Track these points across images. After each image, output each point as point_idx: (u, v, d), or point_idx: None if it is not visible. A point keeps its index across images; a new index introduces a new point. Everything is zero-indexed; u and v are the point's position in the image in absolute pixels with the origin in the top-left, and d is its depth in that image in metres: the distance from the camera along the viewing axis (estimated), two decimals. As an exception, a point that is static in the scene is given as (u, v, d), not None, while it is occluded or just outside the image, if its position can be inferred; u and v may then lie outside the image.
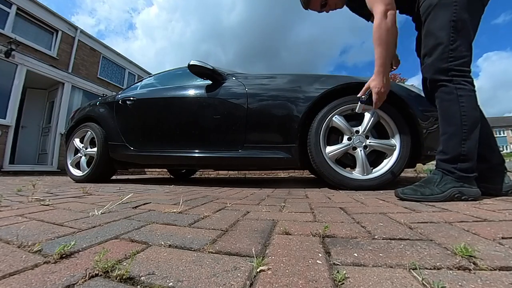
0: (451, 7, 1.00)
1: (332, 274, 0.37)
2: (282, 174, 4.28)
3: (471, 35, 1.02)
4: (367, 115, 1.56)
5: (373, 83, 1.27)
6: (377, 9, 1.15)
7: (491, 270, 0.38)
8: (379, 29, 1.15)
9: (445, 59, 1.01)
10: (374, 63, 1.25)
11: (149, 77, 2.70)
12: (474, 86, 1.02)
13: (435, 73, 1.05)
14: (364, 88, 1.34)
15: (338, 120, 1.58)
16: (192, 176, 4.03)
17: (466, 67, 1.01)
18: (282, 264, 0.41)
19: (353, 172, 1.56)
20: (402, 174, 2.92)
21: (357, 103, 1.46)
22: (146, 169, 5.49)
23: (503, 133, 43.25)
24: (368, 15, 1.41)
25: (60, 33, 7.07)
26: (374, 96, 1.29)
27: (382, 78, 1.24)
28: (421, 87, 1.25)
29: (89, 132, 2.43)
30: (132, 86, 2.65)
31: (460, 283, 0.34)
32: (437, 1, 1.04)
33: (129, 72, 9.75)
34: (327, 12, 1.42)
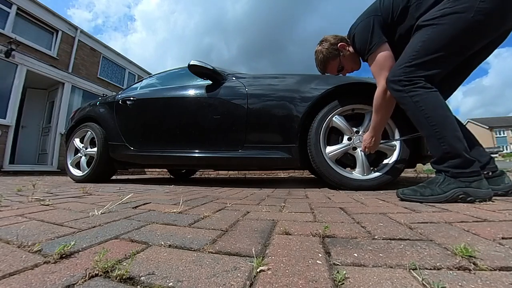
0: (429, 28, 1.03)
1: (332, 274, 0.37)
2: (282, 174, 4.28)
3: (442, 57, 1.01)
4: (367, 115, 1.56)
5: (365, 136, 1.43)
6: (379, 82, 1.22)
7: (491, 270, 0.38)
8: (378, 100, 1.25)
9: (398, 74, 1.08)
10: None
11: (149, 77, 2.70)
12: (428, 87, 1.03)
13: (389, 85, 1.13)
14: None
15: (338, 120, 1.58)
16: (192, 176, 4.03)
17: (418, 77, 1.03)
18: (282, 264, 0.41)
19: (353, 172, 1.56)
20: (402, 174, 2.91)
21: (358, 104, 1.47)
22: (146, 169, 5.48)
23: (503, 133, 43.08)
24: None
25: (60, 33, 7.07)
26: (362, 147, 1.46)
27: (371, 138, 1.39)
28: None
29: (89, 132, 2.43)
30: (132, 86, 2.65)
31: (460, 283, 0.34)
32: (420, 23, 1.07)
33: (129, 72, 9.75)
34: (344, 75, 1.54)
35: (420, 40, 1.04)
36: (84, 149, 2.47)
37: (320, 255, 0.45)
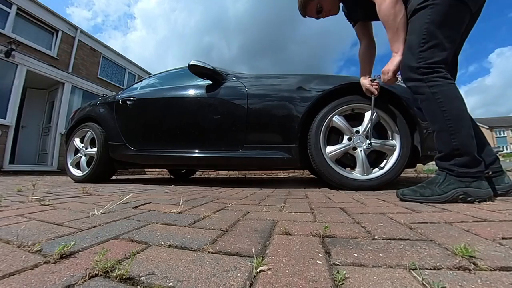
0: (428, 10, 1.02)
1: (332, 274, 0.37)
2: (282, 174, 4.28)
3: (448, 36, 1.01)
4: (367, 115, 1.56)
5: (393, 61, 1.20)
6: None
7: (491, 270, 0.38)
8: (382, 12, 1.13)
9: (414, 60, 1.04)
10: (386, 57, 1.31)
11: (149, 77, 2.70)
12: (449, 78, 1.01)
13: (406, 73, 1.08)
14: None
15: (338, 120, 1.58)
16: (192, 176, 4.03)
17: (437, 64, 1.01)
18: (282, 264, 0.41)
19: (353, 172, 1.56)
20: (402, 174, 2.91)
21: (359, 103, 1.49)
22: (146, 169, 5.48)
23: (503, 133, 43.06)
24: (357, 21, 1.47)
25: (60, 33, 7.07)
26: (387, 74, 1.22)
27: (399, 57, 1.15)
28: None
29: (89, 132, 2.43)
30: (132, 86, 2.65)
31: (460, 283, 0.34)
32: (415, 6, 1.06)
33: (129, 72, 9.75)
34: (324, 18, 1.49)
35: (424, 22, 1.02)
36: (84, 149, 2.47)
37: (320, 255, 0.45)
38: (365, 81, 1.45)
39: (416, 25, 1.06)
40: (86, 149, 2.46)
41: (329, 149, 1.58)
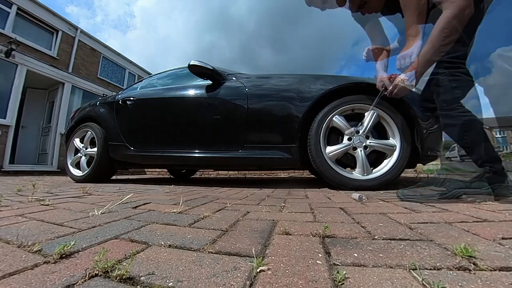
0: (449, 3, 1.00)
1: (332, 274, 0.37)
2: (282, 174, 4.28)
3: (467, 31, 1.00)
4: (367, 115, 1.56)
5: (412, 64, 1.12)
6: None
7: (491, 270, 0.38)
8: None
9: (436, 54, 1.04)
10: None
11: (149, 77, 2.70)
12: (469, 75, 1.02)
13: (427, 66, 1.07)
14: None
15: (338, 120, 1.58)
16: (192, 176, 4.03)
17: (459, 59, 1.01)
18: (282, 264, 0.41)
19: (353, 172, 1.56)
20: (402, 174, 2.91)
21: (359, 103, 1.48)
22: (146, 169, 5.48)
23: (503, 133, 43.11)
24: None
25: (60, 33, 7.07)
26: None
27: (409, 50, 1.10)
28: (421, 88, 1.26)
29: (89, 132, 2.43)
30: (132, 86, 2.65)
31: (460, 284, 0.34)
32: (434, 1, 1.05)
33: (129, 72, 9.75)
34: (363, 14, 1.34)
35: (446, 16, 1.00)
36: (84, 149, 2.47)
37: (320, 255, 0.45)
38: (383, 75, 1.36)
39: (438, 19, 1.03)
40: (86, 149, 2.46)
41: (329, 149, 1.58)
